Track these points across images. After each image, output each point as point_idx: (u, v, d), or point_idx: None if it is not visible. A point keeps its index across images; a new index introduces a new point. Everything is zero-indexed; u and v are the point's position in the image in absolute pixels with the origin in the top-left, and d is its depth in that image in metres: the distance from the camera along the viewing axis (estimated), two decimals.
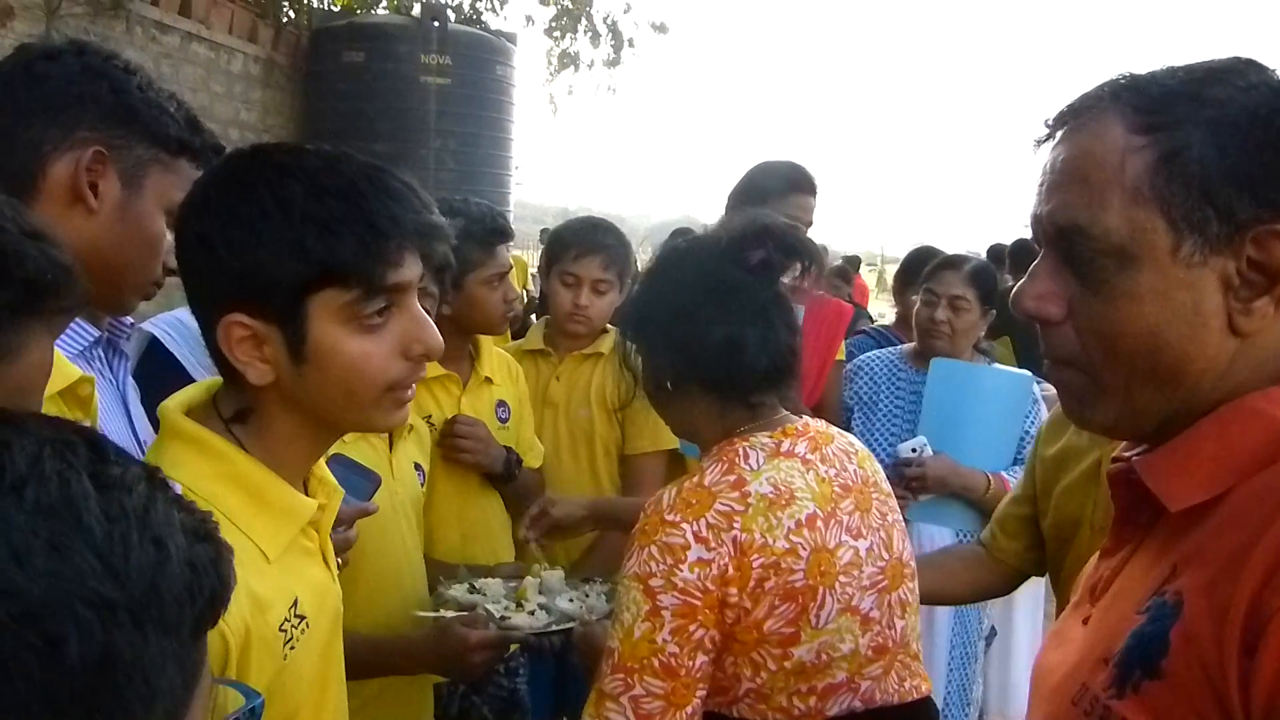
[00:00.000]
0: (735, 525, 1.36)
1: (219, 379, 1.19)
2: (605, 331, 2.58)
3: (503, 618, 1.84)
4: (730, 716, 1.41)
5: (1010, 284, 3.77)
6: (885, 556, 1.45)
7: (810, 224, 2.75)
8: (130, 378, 1.53)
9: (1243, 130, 0.81)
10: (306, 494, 1.20)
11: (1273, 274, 0.81)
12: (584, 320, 2.51)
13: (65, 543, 0.49)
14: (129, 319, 1.54)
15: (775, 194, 2.79)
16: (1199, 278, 0.82)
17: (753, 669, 1.38)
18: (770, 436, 1.46)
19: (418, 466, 2.05)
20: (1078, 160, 0.86)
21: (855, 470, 1.48)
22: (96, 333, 1.42)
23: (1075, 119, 0.88)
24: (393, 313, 1.10)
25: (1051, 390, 2.12)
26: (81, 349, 1.43)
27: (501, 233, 2.24)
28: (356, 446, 1.84)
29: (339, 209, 1.06)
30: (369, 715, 1.83)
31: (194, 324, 1.94)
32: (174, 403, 1.16)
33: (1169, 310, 0.82)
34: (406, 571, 1.93)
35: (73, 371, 1.23)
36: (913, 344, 3.10)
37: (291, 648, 1.09)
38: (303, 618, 1.12)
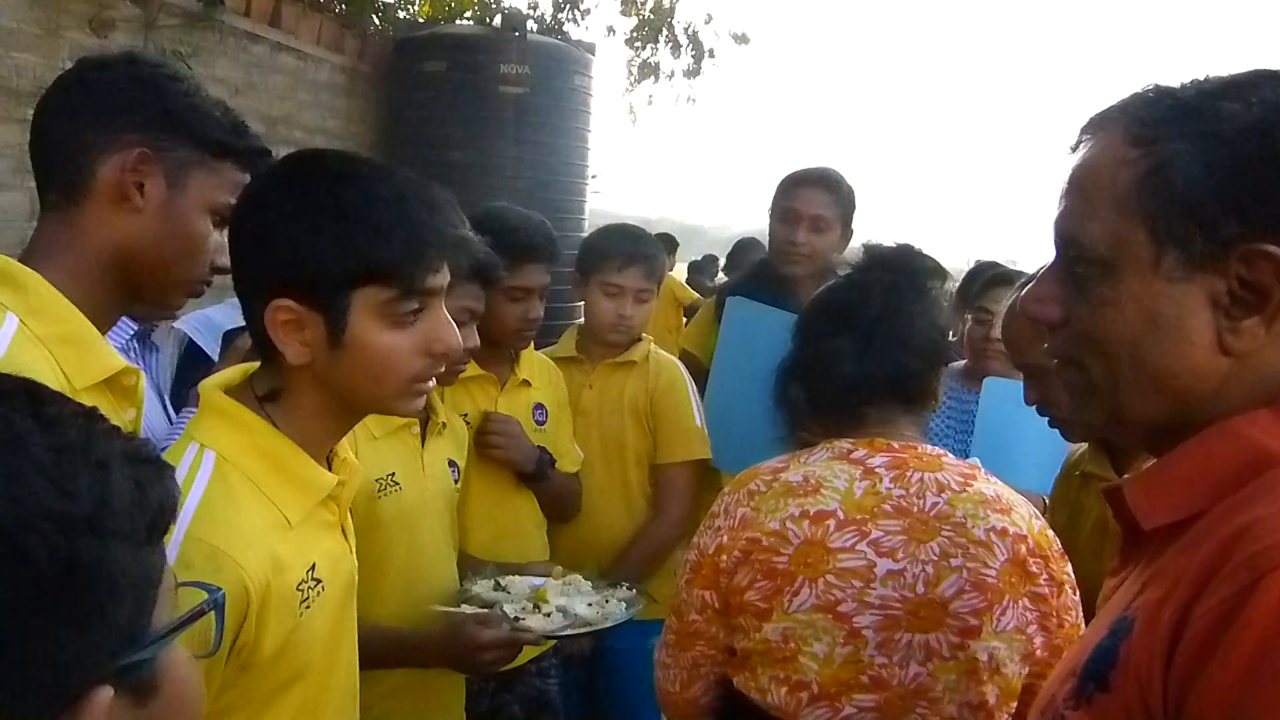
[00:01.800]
0: (751, 503, 1.49)
1: (253, 365, 1.30)
2: (639, 340, 2.61)
3: (517, 618, 1.88)
4: (738, 690, 1.52)
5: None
6: (917, 591, 1.40)
7: (816, 215, 2.73)
8: (161, 368, 1.63)
9: (1236, 146, 0.80)
10: (330, 471, 1.29)
11: (1262, 293, 0.80)
12: (627, 330, 2.55)
13: (17, 473, 0.57)
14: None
15: (779, 191, 2.81)
16: (1182, 293, 0.82)
17: (741, 634, 1.48)
18: (853, 443, 1.50)
19: (452, 464, 2.10)
20: (1081, 171, 0.89)
21: (937, 503, 1.44)
22: (135, 327, 1.52)
23: (1092, 130, 0.90)
24: (423, 313, 1.22)
25: None
26: (123, 342, 1.52)
27: (531, 250, 2.26)
28: (388, 442, 1.92)
29: (388, 216, 1.17)
30: (397, 701, 1.90)
31: (220, 320, 2.07)
32: (212, 381, 1.27)
33: (1149, 322, 0.83)
34: (436, 565, 2.00)
35: (118, 362, 1.31)
36: (964, 362, 3.05)
37: (307, 607, 1.19)
38: (319, 581, 1.22)
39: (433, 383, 1.28)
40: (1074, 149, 0.91)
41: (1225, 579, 0.71)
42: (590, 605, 1.98)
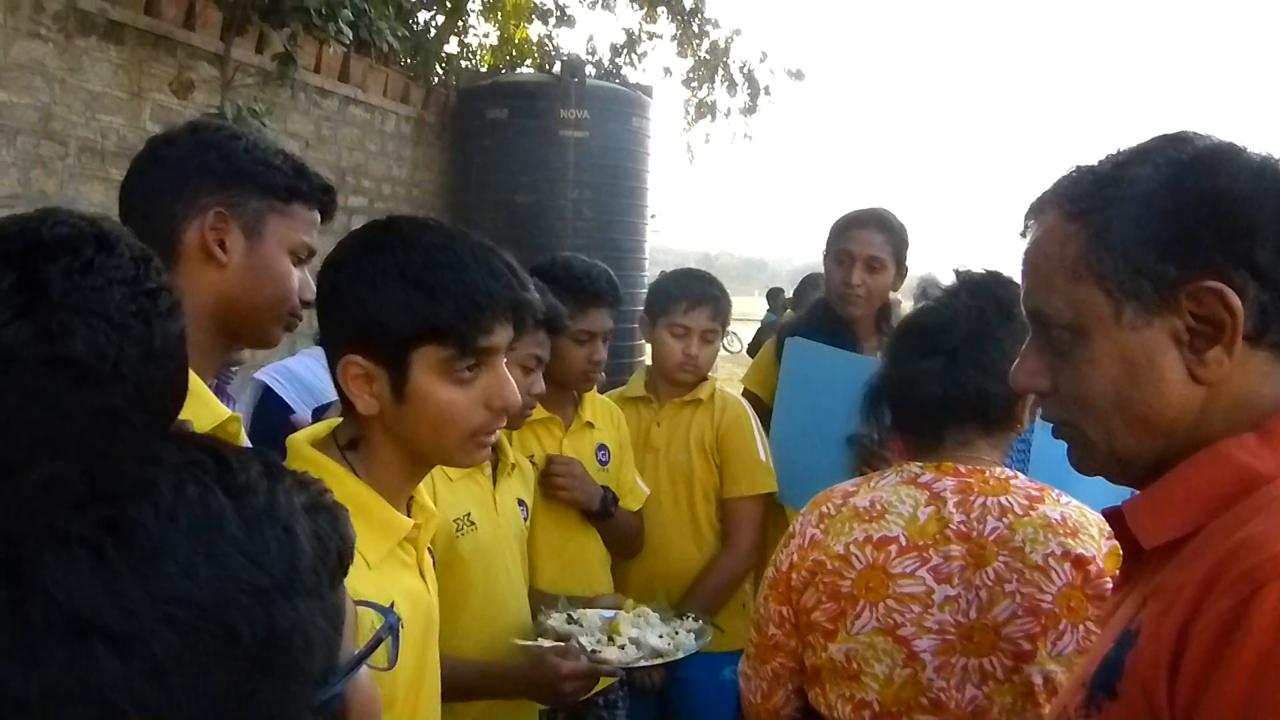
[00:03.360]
0: (821, 525, 1.55)
1: (337, 420, 1.39)
2: (705, 379, 2.67)
3: (593, 650, 1.95)
4: (811, 705, 1.58)
5: None
6: (970, 615, 1.43)
7: (871, 256, 2.75)
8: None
9: (1156, 203, 0.91)
10: (409, 515, 1.38)
11: (1217, 324, 0.88)
12: (694, 369, 2.61)
13: (217, 552, 0.60)
14: (234, 366, 1.74)
15: (833, 233, 2.85)
16: (1147, 338, 0.91)
17: (811, 651, 1.54)
18: (922, 467, 1.55)
19: (521, 503, 2.18)
20: (1032, 253, 1.00)
21: (997, 528, 1.46)
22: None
23: (1034, 216, 1.01)
24: (481, 370, 1.30)
25: None
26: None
27: (596, 296, 2.35)
28: (463, 484, 2.00)
29: (446, 279, 1.26)
30: None
31: (300, 371, 2.17)
32: (300, 435, 1.38)
33: (1126, 370, 0.92)
34: (510, 600, 2.07)
35: (223, 411, 1.41)
36: None
37: None
38: (398, 618, 1.28)
39: (495, 436, 1.35)
40: (1023, 235, 1.02)
41: (1224, 592, 0.78)
42: (662, 637, 2.05)
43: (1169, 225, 0.89)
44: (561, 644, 1.96)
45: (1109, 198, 0.93)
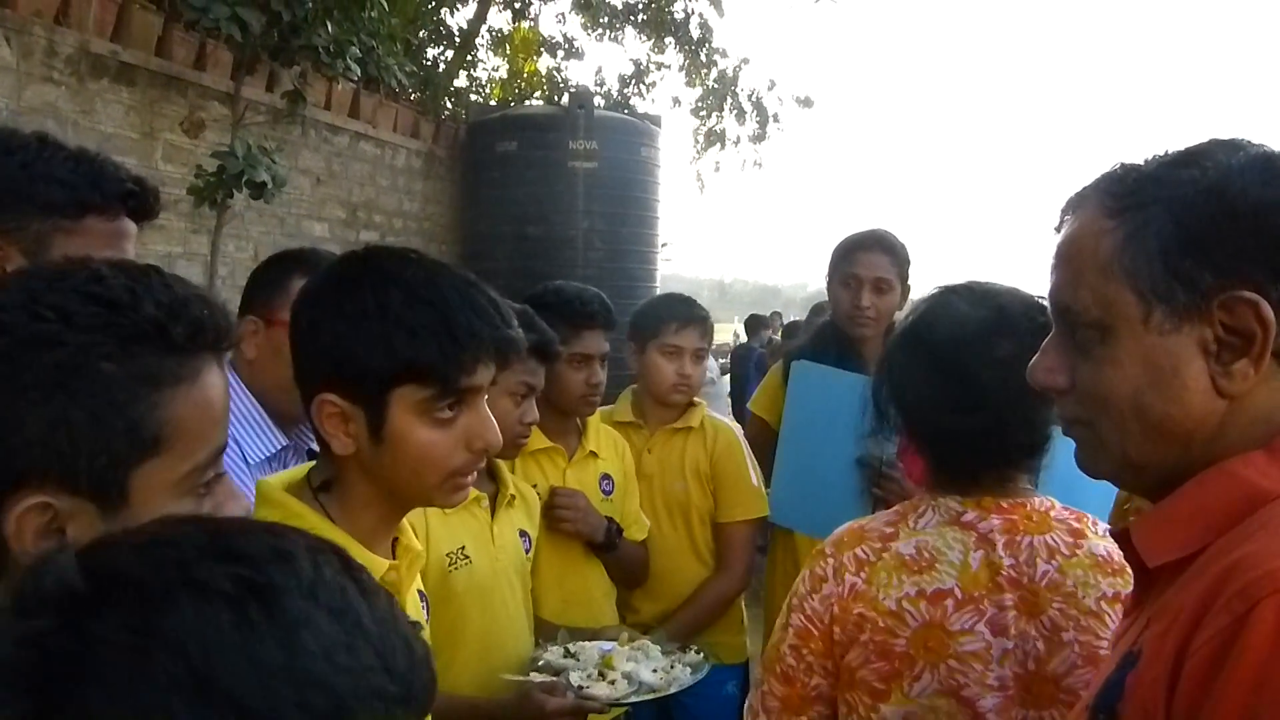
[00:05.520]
0: (861, 574, 1.43)
1: (311, 464, 1.35)
2: (693, 405, 2.68)
3: (581, 686, 1.92)
4: None
5: None
6: (1027, 667, 1.36)
7: (878, 278, 2.75)
8: None
9: (1199, 207, 0.87)
10: (394, 556, 1.34)
11: (1247, 336, 0.85)
12: (688, 389, 2.62)
13: (354, 643, 0.55)
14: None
15: (837, 257, 2.84)
16: (1174, 344, 0.88)
17: (847, 708, 1.44)
18: (962, 503, 1.44)
19: (523, 533, 2.16)
20: (1066, 245, 0.97)
21: (1047, 571, 1.38)
22: (285, 441, 1.55)
23: (1072, 209, 0.98)
24: (462, 410, 1.25)
25: None
26: (269, 456, 1.56)
27: (589, 317, 2.35)
28: (459, 516, 1.97)
29: (427, 317, 1.21)
30: None
31: None
32: (273, 479, 1.33)
33: (1148, 374, 0.89)
34: (510, 634, 2.04)
35: None
36: None
37: None
38: None
39: (474, 476, 1.31)
40: (1057, 229, 0.99)
41: (1221, 610, 0.75)
42: (656, 671, 2.01)
43: (1210, 231, 0.86)
44: (550, 679, 1.93)
45: (1151, 197, 0.90)
